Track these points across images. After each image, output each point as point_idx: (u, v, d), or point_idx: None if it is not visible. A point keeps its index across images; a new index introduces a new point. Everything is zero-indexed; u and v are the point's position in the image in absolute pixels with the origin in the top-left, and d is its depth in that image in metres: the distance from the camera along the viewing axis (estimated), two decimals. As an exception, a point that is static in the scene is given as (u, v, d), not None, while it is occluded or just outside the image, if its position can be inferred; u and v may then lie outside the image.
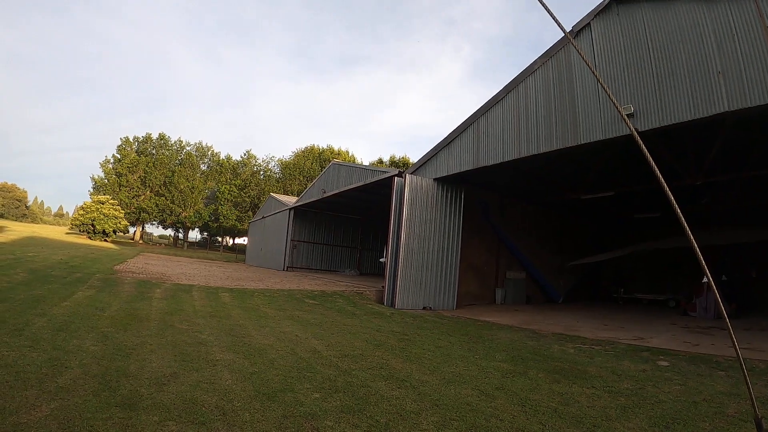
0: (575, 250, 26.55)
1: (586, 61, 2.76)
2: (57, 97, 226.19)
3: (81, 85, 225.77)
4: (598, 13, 12.07)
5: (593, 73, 3.02)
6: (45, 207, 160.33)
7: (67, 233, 65.89)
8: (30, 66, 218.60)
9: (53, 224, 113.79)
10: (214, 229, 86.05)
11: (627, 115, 10.74)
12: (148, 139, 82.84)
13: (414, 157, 75.96)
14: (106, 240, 61.26)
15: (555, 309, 21.27)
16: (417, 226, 18.37)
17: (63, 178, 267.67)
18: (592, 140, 12.03)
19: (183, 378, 6.19)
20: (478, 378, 7.52)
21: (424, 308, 18.06)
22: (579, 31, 12.46)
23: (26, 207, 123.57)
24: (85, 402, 5.01)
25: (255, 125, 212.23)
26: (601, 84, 2.92)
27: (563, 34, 2.75)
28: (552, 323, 15.36)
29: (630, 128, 2.55)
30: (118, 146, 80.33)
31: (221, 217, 79.14)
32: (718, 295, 2.52)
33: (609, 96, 2.64)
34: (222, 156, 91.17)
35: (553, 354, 10.03)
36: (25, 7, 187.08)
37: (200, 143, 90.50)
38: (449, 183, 19.08)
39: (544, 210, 25.87)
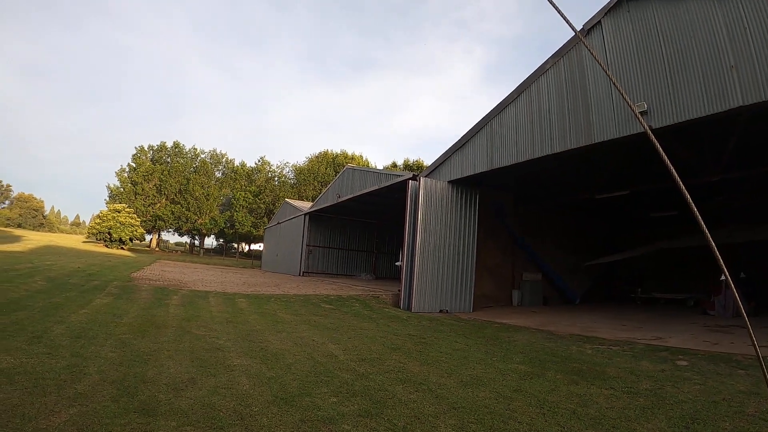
0: (590, 250, 26.33)
1: (597, 60, 2.74)
2: (73, 107, 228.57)
3: (96, 95, 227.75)
4: (608, 10, 11.98)
5: (605, 72, 2.99)
6: (62, 216, 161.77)
7: (84, 242, 66.46)
8: (47, 77, 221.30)
9: (70, 233, 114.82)
10: (229, 235, 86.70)
11: (640, 112, 10.65)
12: (162, 147, 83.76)
13: (427, 160, 76.10)
14: (122, 248, 61.75)
15: (572, 310, 21.13)
16: (432, 229, 18.34)
17: (79, 187, 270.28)
18: (606, 139, 11.90)
19: (201, 383, 6.21)
20: (496, 380, 7.48)
21: (440, 311, 18.00)
22: (590, 30, 12.37)
23: (43, 216, 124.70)
24: (103, 408, 5.04)
25: (269, 132, 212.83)
26: (614, 83, 2.89)
27: (574, 33, 2.73)
28: (569, 324, 15.25)
29: (644, 126, 2.52)
30: (134, 155, 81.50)
31: (237, 224, 79.68)
32: (736, 293, 2.49)
33: (622, 94, 2.61)
34: (236, 163, 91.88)
35: (571, 355, 9.95)
36: (42, 21, 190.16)
37: (214, 150, 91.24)
38: (463, 185, 19.03)
39: (558, 210, 25.70)
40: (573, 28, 2.65)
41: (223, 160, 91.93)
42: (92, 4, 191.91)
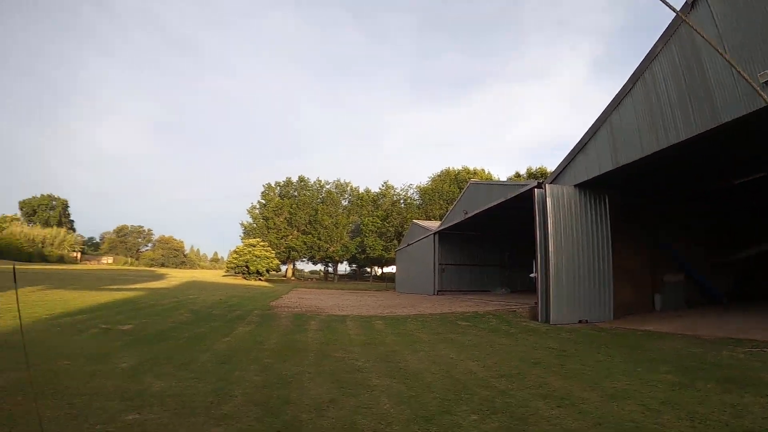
0: (731, 243, 24.14)
1: (704, 37, 2.53)
2: (202, 153, 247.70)
3: (221, 142, 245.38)
4: None
5: (714, 47, 2.74)
6: (201, 254, 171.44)
7: (224, 276, 70.21)
8: (176, 131, 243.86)
9: (210, 269, 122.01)
10: (361, 260, 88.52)
11: (765, 82, 9.55)
12: (288, 182, 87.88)
13: (550, 166, 73.88)
14: (260, 279, 64.83)
15: (719, 310, 19.49)
16: (563, 237, 17.72)
17: (215, 227, 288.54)
18: (732, 118, 10.65)
19: (342, 403, 6.32)
20: (642, 392, 7.06)
21: (579, 321, 17.27)
22: (694, 2, 11.36)
23: (184, 255, 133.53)
24: (249, 427, 5.24)
25: (388, 157, 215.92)
26: (726, 59, 2.64)
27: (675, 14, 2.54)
28: (717, 327, 14.06)
29: (765, 100, 2.27)
30: (262, 192, 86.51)
31: (367, 249, 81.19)
32: None
33: (737, 69, 2.39)
34: (361, 190, 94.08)
35: (722, 361, 9.19)
36: (168, 84, 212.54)
37: (339, 180, 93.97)
38: (590, 187, 18.23)
39: (692, 203, 23.79)
40: (673, 9, 2.46)
41: (348, 188, 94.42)
42: (211, 66, 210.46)
